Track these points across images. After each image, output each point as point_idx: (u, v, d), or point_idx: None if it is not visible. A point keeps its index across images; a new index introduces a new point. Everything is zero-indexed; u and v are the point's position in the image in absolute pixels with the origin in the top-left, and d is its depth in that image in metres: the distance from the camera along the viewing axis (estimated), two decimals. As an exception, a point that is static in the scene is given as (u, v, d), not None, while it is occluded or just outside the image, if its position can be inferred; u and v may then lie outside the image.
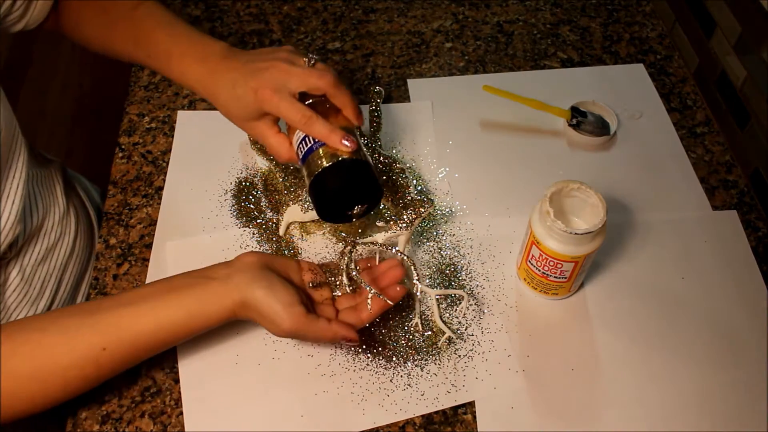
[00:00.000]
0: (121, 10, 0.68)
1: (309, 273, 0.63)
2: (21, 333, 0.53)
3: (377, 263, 0.65)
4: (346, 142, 0.59)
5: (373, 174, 0.61)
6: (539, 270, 0.65)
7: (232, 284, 0.57)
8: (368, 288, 0.60)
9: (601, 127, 0.82)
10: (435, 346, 0.65)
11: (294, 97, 0.60)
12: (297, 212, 0.71)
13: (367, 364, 0.64)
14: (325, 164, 0.59)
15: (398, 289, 0.62)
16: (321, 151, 0.60)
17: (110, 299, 0.57)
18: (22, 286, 0.68)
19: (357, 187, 0.61)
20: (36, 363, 0.52)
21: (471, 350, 0.65)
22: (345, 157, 0.59)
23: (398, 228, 0.66)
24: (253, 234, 0.73)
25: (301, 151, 0.62)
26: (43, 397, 0.54)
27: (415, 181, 0.77)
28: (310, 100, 0.63)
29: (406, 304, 0.68)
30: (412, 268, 0.65)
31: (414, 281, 0.65)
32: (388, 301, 0.60)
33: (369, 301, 0.60)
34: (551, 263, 0.63)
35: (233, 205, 0.76)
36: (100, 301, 0.57)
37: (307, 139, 0.61)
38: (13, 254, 0.67)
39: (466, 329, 0.67)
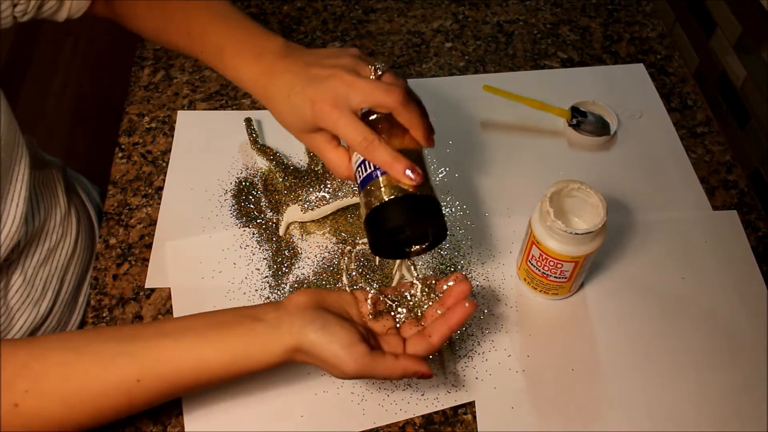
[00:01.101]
0: (176, 3, 0.64)
1: (365, 303, 0.57)
2: (54, 352, 0.50)
3: (377, 263, 0.65)
4: (410, 174, 0.51)
5: (439, 211, 0.54)
6: (539, 270, 0.65)
7: (283, 329, 0.52)
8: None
9: (601, 127, 0.82)
10: (435, 346, 0.65)
11: (356, 114, 0.54)
12: (297, 212, 0.71)
13: (367, 364, 0.64)
14: (384, 198, 0.52)
15: (467, 305, 0.54)
16: (382, 180, 0.53)
17: (150, 326, 0.53)
18: (24, 287, 0.68)
19: (418, 226, 0.54)
20: (68, 387, 0.49)
21: (471, 350, 0.65)
22: (409, 192, 0.52)
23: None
24: (253, 234, 0.73)
25: (360, 176, 0.55)
26: (70, 422, 0.50)
27: (415, 181, 0.77)
28: (374, 116, 0.56)
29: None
30: (412, 268, 0.65)
31: (414, 281, 0.65)
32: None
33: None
34: (551, 263, 0.63)
35: (233, 205, 0.76)
36: (139, 327, 0.54)
37: (367, 162, 0.54)
38: (15, 256, 0.67)
39: (466, 329, 0.67)
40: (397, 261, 0.65)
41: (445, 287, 0.57)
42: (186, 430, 0.61)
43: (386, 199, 0.52)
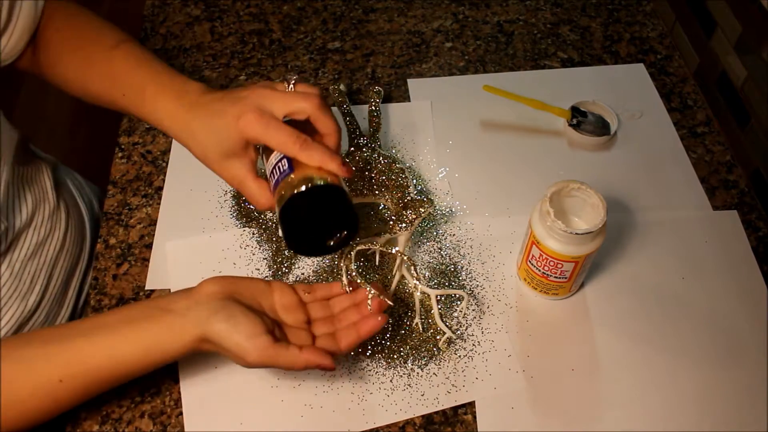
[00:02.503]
0: (100, 48, 0.66)
1: (279, 293, 0.59)
2: None
3: (377, 263, 0.65)
4: (345, 168, 0.54)
5: (350, 201, 0.55)
6: (539, 270, 0.65)
7: (191, 319, 0.53)
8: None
9: (601, 127, 0.82)
10: (435, 346, 0.65)
11: (279, 121, 0.55)
12: (297, 212, 0.71)
13: (367, 364, 0.64)
14: (302, 188, 0.53)
15: (379, 318, 0.57)
16: (295, 176, 0.54)
17: (69, 327, 0.55)
18: (12, 281, 0.68)
19: (331, 215, 0.55)
20: None
21: (471, 350, 0.65)
22: (320, 183, 0.54)
23: (398, 228, 0.66)
24: (253, 234, 0.73)
25: (273, 178, 0.57)
26: (4, 426, 0.53)
27: (415, 181, 0.77)
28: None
29: (406, 304, 0.68)
30: (412, 268, 0.65)
31: (414, 281, 0.65)
32: (388, 301, 0.59)
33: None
34: (551, 263, 0.63)
35: (233, 206, 0.76)
36: (60, 328, 0.56)
37: (280, 165, 0.56)
38: (2, 250, 0.67)
39: (466, 329, 0.67)
40: (397, 261, 0.65)
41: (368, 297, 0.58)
42: (186, 430, 0.61)
43: (303, 189, 0.53)
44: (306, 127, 0.57)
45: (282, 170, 0.55)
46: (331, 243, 0.56)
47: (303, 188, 0.53)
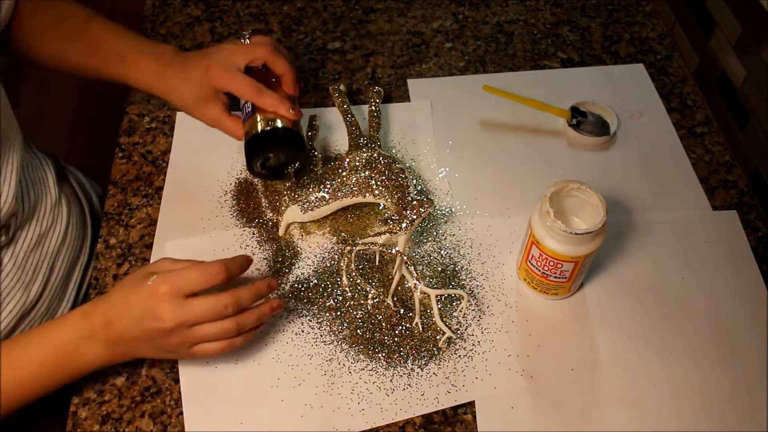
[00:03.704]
0: (74, 23, 0.73)
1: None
2: None
3: (377, 263, 0.65)
4: (293, 111, 0.68)
5: (298, 135, 0.70)
6: (539, 270, 0.65)
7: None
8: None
9: (601, 127, 0.82)
10: (435, 346, 0.65)
11: (241, 72, 0.68)
12: (297, 212, 0.71)
13: (367, 364, 0.64)
14: (260, 129, 0.68)
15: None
16: (259, 117, 0.69)
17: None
18: (15, 271, 0.69)
19: (287, 149, 0.69)
20: None
21: (471, 350, 0.65)
22: (278, 126, 0.68)
23: (398, 228, 0.66)
24: (253, 234, 0.73)
25: (242, 116, 0.71)
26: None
27: (415, 181, 0.77)
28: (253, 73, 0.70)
29: (406, 304, 0.68)
30: (412, 268, 0.65)
31: (414, 281, 0.65)
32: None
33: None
34: (551, 263, 0.63)
35: (233, 206, 0.76)
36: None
37: (247, 105, 0.70)
38: (6, 241, 0.67)
39: (466, 329, 0.67)
40: (397, 261, 0.65)
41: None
42: (186, 430, 0.61)
43: (264, 129, 0.68)
44: (269, 73, 0.70)
45: (247, 111, 0.70)
46: (286, 170, 0.71)
47: (258, 129, 0.68)
